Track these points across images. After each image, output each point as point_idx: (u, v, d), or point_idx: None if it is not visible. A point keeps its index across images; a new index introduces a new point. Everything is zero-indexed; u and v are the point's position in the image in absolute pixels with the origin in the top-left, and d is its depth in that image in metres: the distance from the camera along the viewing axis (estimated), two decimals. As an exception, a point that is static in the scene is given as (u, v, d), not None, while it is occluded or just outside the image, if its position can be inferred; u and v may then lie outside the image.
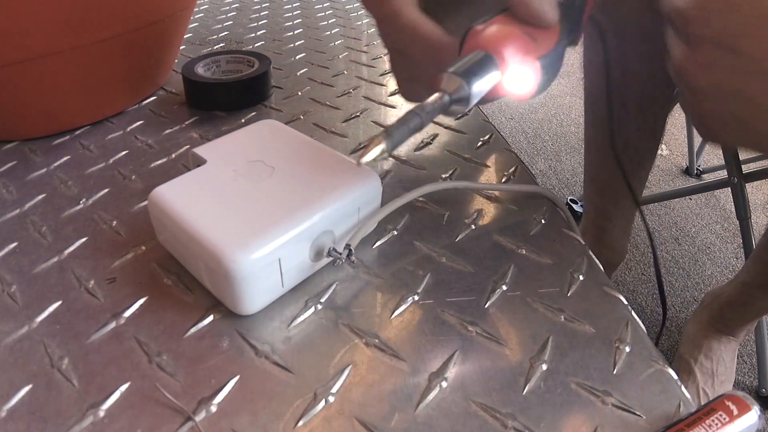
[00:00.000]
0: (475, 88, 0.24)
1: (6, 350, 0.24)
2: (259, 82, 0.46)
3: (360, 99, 0.48)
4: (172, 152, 0.40)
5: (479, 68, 0.24)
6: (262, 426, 0.22)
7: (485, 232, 0.32)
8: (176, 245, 0.28)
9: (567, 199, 1.42)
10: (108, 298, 0.27)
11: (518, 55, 0.25)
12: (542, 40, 0.27)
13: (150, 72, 0.47)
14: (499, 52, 0.25)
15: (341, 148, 0.40)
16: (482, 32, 0.26)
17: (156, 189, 0.28)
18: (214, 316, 0.26)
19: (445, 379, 0.24)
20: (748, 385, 0.98)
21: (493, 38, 0.25)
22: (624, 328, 0.26)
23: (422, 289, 0.28)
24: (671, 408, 0.23)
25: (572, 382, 0.24)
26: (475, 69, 0.24)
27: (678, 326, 1.08)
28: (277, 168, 0.29)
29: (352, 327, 0.26)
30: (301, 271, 0.27)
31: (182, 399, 0.22)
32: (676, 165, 1.64)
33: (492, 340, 0.26)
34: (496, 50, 0.25)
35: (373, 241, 0.31)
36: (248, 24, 0.67)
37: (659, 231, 1.35)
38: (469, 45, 0.26)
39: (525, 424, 0.22)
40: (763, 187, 1.51)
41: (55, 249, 0.30)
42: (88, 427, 0.21)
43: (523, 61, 0.25)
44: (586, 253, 0.31)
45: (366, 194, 0.29)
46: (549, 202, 0.35)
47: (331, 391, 0.23)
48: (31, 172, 0.37)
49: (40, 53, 0.36)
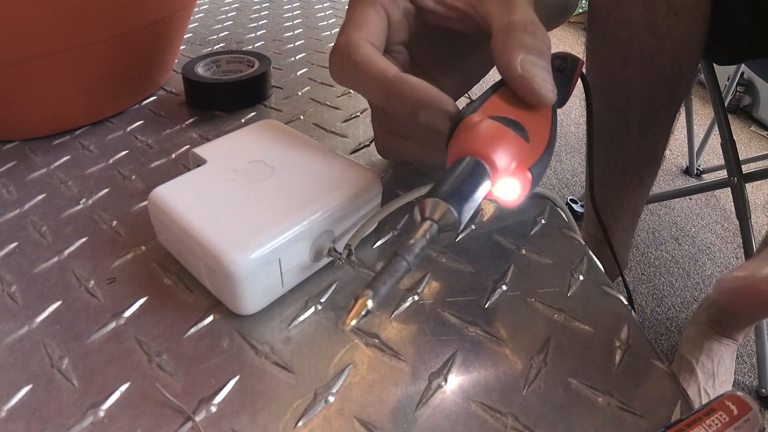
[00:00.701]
0: (465, 213, 0.21)
1: (6, 350, 0.24)
2: (259, 82, 0.46)
3: (360, 99, 0.48)
4: (172, 152, 0.40)
5: (468, 186, 0.22)
6: (262, 426, 0.22)
7: (485, 232, 0.32)
8: (176, 245, 0.28)
9: (567, 199, 1.42)
10: (108, 298, 0.27)
11: (512, 165, 0.23)
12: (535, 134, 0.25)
13: (150, 72, 0.47)
14: (492, 161, 0.22)
15: (341, 148, 0.40)
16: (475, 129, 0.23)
17: (156, 189, 0.28)
18: (214, 316, 0.26)
19: (445, 379, 0.24)
20: (748, 385, 0.98)
21: (487, 142, 0.23)
22: (624, 328, 0.26)
23: (422, 289, 0.28)
24: (671, 408, 0.23)
25: (572, 382, 0.24)
26: (464, 189, 0.22)
27: (678, 326, 1.08)
28: (277, 168, 0.29)
29: (352, 327, 0.26)
30: (301, 271, 0.27)
31: (182, 399, 0.22)
32: (676, 165, 1.64)
33: (492, 340, 0.26)
34: (489, 158, 0.22)
35: (373, 241, 0.31)
36: (248, 24, 0.67)
37: (659, 231, 1.35)
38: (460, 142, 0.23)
39: (525, 424, 0.22)
40: (763, 187, 1.51)
41: (55, 249, 0.30)
42: (88, 427, 0.21)
43: (516, 173, 0.23)
44: (586, 253, 0.31)
45: (366, 194, 0.29)
46: (549, 202, 0.35)
47: (331, 391, 0.23)
48: (31, 172, 0.37)
49: (40, 53, 0.36)
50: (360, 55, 0.28)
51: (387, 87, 0.27)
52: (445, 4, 0.32)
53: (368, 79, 0.27)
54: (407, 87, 0.26)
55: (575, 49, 1.81)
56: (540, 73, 0.25)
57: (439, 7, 0.32)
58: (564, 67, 0.30)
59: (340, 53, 0.29)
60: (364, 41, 0.29)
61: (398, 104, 0.27)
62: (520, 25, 0.27)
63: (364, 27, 0.29)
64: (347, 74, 0.29)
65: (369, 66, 0.27)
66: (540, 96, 0.25)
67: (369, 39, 0.29)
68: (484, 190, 0.22)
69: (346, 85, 0.31)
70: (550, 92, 0.26)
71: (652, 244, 1.30)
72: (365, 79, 0.28)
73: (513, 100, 0.26)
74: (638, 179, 0.74)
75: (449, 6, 0.32)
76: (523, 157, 0.23)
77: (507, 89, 0.26)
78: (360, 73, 0.28)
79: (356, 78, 0.28)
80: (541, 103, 0.26)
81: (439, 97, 0.26)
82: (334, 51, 0.30)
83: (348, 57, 0.28)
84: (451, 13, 0.32)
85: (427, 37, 0.34)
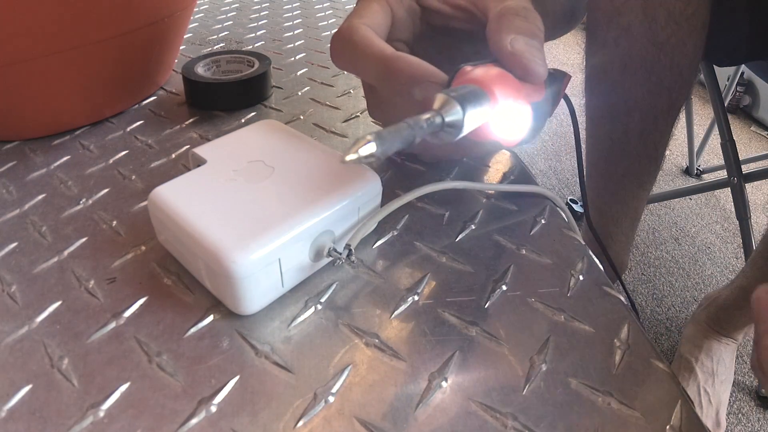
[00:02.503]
0: (468, 116, 0.23)
1: (6, 350, 0.24)
2: (259, 82, 0.46)
3: (360, 99, 0.48)
4: (172, 152, 0.40)
5: (473, 98, 0.24)
6: (262, 426, 0.22)
7: (485, 232, 0.32)
8: (176, 245, 0.28)
9: (567, 199, 1.42)
10: (108, 298, 0.27)
11: (510, 95, 0.25)
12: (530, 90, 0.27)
13: (150, 72, 0.47)
14: (491, 90, 0.24)
15: (341, 148, 0.40)
16: (473, 71, 0.26)
17: (156, 189, 0.28)
18: (214, 316, 0.26)
19: (445, 379, 0.24)
20: (748, 385, 0.98)
21: (485, 76, 0.25)
22: (624, 328, 0.26)
23: (422, 289, 0.28)
24: (671, 408, 0.23)
25: (572, 382, 0.24)
26: (470, 97, 0.23)
27: (678, 326, 1.08)
28: (277, 168, 0.29)
29: (352, 327, 0.26)
30: (301, 271, 0.27)
31: (182, 399, 0.22)
32: (676, 165, 1.64)
33: (492, 340, 0.26)
34: (489, 87, 0.24)
35: (373, 241, 0.31)
36: (248, 24, 0.67)
37: (659, 231, 1.35)
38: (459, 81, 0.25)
39: (525, 424, 0.22)
40: (763, 187, 1.51)
41: (55, 249, 0.30)
42: (88, 427, 0.21)
43: (514, 102, 0.25)
44: (586, 253, 0.31)
45: (366, 194, 0.29)
46: (549, 202, 0.35)
47: (331, 391, 0.23)
48: (31, 172, 0.37)
49: (40, 53, 0.36)
50: (360, 36, 0.29)
51: (384, 63, 0.28)
52: (449, 3, 0.33)
53: (366, 57, 0.29)
54: (403, 62, 0.28)
55: (575, 51, 1.81)
56: (530, 49, 0.27)
57: (443, 6, 0.33)
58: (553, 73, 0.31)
59: (341, 36, 0.31)
60: (365, 26, 0.30)
61: (394, 80, 0.28)
62: (512, 10, 0.28)
63: (366, 16, 0.31)
64: (347, 55, 0.31)
65: (367, 45, 0.29)
66: (530, 69, 0.26)
67: (369, 25, 0.31)
68: (484, 112, 0.24)
69: (344, 67, 0.32)
70: (540, 66, 0.27)
71: (652, 244, 1.30)
72: (363, 57, 0.29)
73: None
74: (638, 184, 0.74)
75: (452, 4, 0.33)
76: (521, 93, 0.25)
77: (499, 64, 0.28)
78: (359, 51, 0.29)
79: (355, 57, 0.30)
80: (532, 77, 0.27)
81: (433, 72, 0.27)
82: (336, 35, 0.31)
83: (348, 38, 0.30)
84: (455, 12, 0.33)
85: (428, 39, 0.36)
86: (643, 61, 0.61)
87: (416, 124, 0.22)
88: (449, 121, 0.23)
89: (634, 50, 0.61)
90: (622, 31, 0.60)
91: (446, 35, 0.36)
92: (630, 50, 0.61)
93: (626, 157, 0.70)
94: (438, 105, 0.23)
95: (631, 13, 0.59)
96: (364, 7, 0.32)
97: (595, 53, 0.66)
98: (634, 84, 0.63)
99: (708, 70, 0.97)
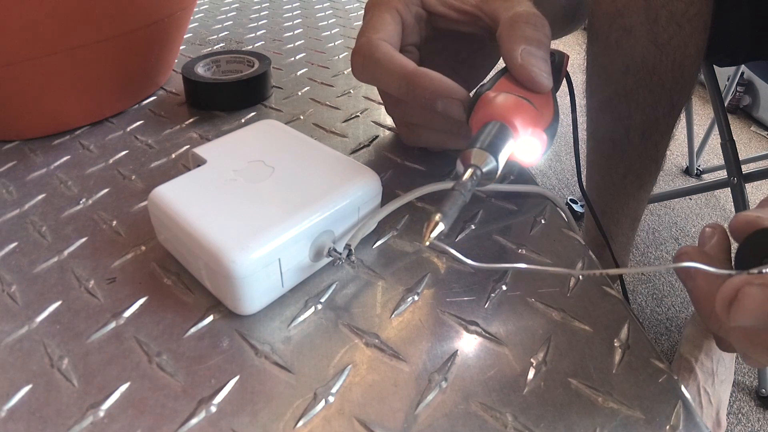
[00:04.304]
0: (501, 162, 0.26)
1: (6, 350, 0.24)
2: (259, 82, 0.46)
3: (360, 99, 0.48)
4: (172, 152, 0.40)
5: (500, 141, 0.26)
6: (262, 426, 0.22)
7: (485, 232, 0.32)
8: (176, 245, 0.28)
9: (567, 199, 1.42)
10: (108, 298, 0.27)
11: (529, 125, 0.27)
12: (542, 108, 0.29)
13: (150, 72, 0.47)
14: (513, 124, 0.26)
15: (341, 148, 0.40)
16: (494, 100, 0.27)
17: (156, 189, 0.28)
18: (214, 316, 0.26)
19: (445, 379, 0.24)
20: (748, 385, 0.98)
21: (506, 109, 0.27)
22: (624, 328, 0.26)
23: (422, 289, 0.28)
24: (671, 407, 0.23)
25: (572, 382, 0.24)
26: (497, 142, 0.26)
27: (678, 326, 1.08)
28: (277, 168, 0.29)
29: (352, 327, 0.26)
30: (301, 271, 0.27)
31: (182, 399, 0.22)
32: (676, 165, 1.64)
33: (492, 340, 0.26)
34: (510, 121, 0.26)
35: (373, 241, 0.31)
36: (248, 24, 0.67)
37: (659, 231, 1.35)
38: (483, 113, 0.27)
39: (525, 424, 0.22)
40: (763, 187, 1.51)
41: (55, 249, 0.30)
42: (88, 427, 0.21)
43: (534, 132, 0.27)
44: (586, 253, 0.31)
45: (366, 194, 0.29)
46: (549, 202, 0.35)
47: (331, 391, 0.23)
48: (31, 172, 0.37)
49: (40, 53, 0.36)
50: (381, 53, 0.31)
51: (408, 80, 0.30)
52: (455, 8, 0.35)
53: (390, 73, 0.31)
54: (427, 79, 0.30)
55: (575, 51, 1.81)
56: (538, 62, 0.29)
57: (449, 11, 0.35)
58: (552, 61, 0.32)
59: (362, 53, 0.32)
60: (384, 42, 0.32)
61: (418, 94, 0.30)
62: (523, 17, 0.30)
63: (381, 29, 0.33)
64: (369, 71, 0.32)
65: (390, 62, 0.31)
66: (537, 83, 0.29)
67: (387, 40, 0.32)
68: (510, 146, 0.26)
69: (368, 81, 0.34)
70: (546, 80, 0.29)
71: (652, 244, 1.30)
72: (387, 73, 0.31)
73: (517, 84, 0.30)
74: (638, 185, 0.74)
75: (458, 9, 0.35)
76: (536, 121, 0.28)
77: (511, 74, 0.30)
78: (382, 68, 0.31)
79: (378, 73, 0.32)
80: (539, 89, 0.29)
81: (454, 87, 0.30)
82: (356, 52, 0.33)
83: (370, 55, 0.32)
84: (461, 16, 0.35)
85: (434, 42, 0.37)
86: (645, 62, 0.61)
87: (464, 188, 0.24)
88: (486, 171, 0.25)
89: (635, 51, 0.61)
90: (624, 32, 0.60)
91: (451, 38, 0.37)
92: (632, 51, 0.61)
93: (627, 157, 0.70)
94: (474, 160, 0.25)
95: (633, 14, 0.59)
96: (377, 19, 0.33)
97: (596, 54, 0.66)
98: (636, 85, 0.63)
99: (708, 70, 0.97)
